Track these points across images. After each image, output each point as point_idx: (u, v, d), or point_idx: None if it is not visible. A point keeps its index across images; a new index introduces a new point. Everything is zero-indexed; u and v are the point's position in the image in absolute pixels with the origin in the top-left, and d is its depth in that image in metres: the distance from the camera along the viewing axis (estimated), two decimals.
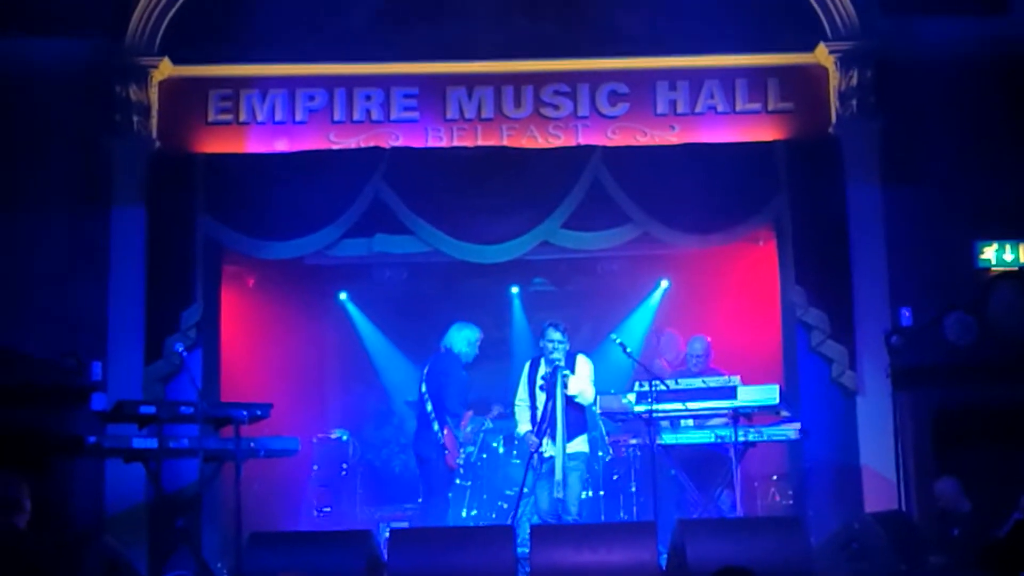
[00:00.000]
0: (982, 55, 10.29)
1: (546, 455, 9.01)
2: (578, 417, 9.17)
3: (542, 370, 9.22)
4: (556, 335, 9.11)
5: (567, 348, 9.13)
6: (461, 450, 9.93)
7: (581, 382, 9.09)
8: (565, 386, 8.98)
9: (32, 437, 8.62)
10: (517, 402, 9.49)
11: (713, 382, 9.12)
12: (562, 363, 9.02)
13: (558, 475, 8.88)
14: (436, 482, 9.80)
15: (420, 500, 10.43)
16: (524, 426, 9.35)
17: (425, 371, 9.96)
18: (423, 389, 9.84)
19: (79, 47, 10.27)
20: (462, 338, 9.92)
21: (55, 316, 10.01)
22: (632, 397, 9.06)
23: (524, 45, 10.46)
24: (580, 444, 9.16)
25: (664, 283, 12.55)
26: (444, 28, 10.47)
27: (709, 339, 10.36)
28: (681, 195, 10.07)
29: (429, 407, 9.73)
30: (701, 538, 7.48)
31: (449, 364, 9.87)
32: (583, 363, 9.22)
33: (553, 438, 8.98)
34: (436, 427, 9.64)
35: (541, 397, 9.15)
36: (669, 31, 10.41)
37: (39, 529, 7.46)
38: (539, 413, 9.12)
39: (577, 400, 9.09)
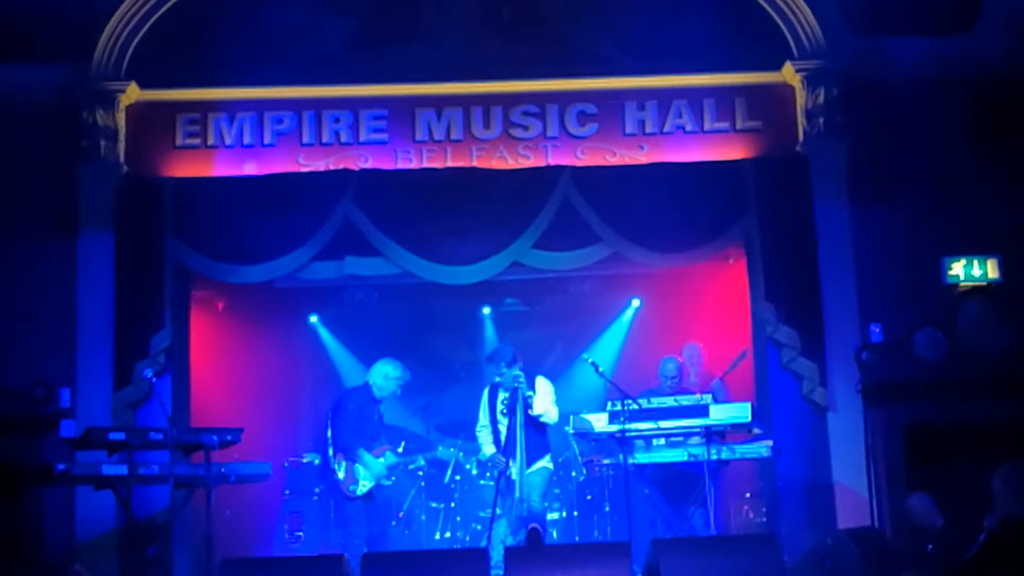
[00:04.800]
0: (948, 74, 10.33)
1: (512, 477, 9.04)
2: (540, 439, 9.24)
3: (502, 395, 9.28)
4: (517, 372, 9.13)
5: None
6: (362, 482, 9.52)
7: (544, 402, 9.14)
8: (529, 406, 9.01)
9: (1, 466, 8.54)
10: (479, 428, 9.52)
11: (685, 400, 9.16)
12: (523, 384, 9.03)
13: (517, 493, 8.96)
14: (334, 510, 9.71)
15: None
16: (489, 448, 9.38)
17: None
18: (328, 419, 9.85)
19: (45, 72, 10.19)
20: (380, 372, 9.87)
21: (23, 343, 9.90)
22: (604, 417, 9.05)
23: (493, 66, 10.46)
24: (544, 463, 9.26)
25: (635, 302, 12.57)
26: (413, 50, 10.46)
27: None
28: (650, 214, 10.09)
29: (329, 433, 9.73)
30: (675, 557, 7.48)
31: (346, 398, 9.85)
32: (543, 384, 9.26)
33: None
34: (331, 453, 9.63)
35: (504, 422, 9.21)
36: (637, 52, 10.43)
37: (11, 559, 7.39)
38: (503, 436, 9.18)
39: (542, 420, 9.13)
